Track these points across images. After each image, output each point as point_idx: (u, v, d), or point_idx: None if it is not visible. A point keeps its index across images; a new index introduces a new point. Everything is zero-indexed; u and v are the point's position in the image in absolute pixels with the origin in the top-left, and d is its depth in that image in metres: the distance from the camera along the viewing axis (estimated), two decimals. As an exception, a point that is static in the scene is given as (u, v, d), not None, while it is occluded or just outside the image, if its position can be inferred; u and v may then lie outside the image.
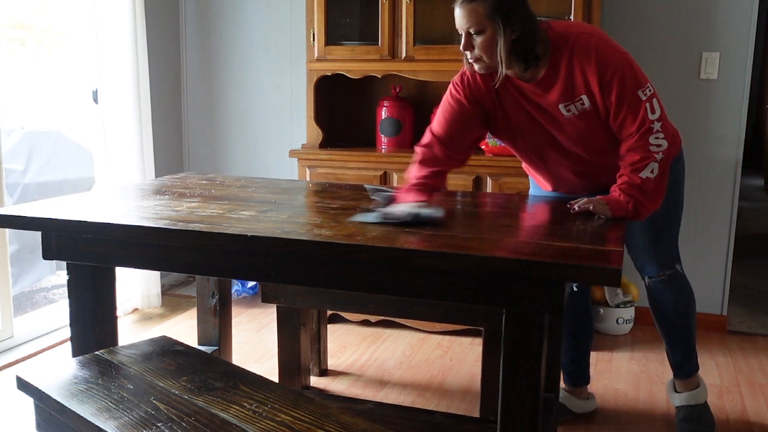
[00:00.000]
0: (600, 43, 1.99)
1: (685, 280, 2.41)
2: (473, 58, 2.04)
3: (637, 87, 1.98)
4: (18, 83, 3.78)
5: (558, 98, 2.05)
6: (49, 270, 4.13)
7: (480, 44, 1.99)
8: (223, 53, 3.99)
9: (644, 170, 1.96)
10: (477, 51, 2.01)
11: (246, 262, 1.74)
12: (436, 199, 2.08)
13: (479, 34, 1.98)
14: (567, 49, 2.00)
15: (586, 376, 2.62)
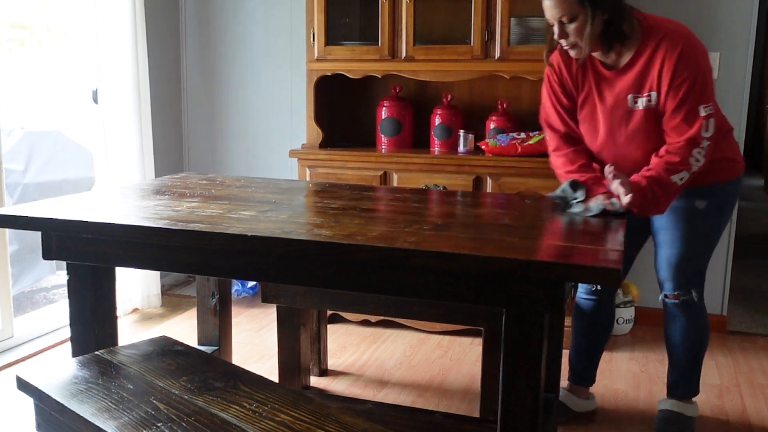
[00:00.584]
0: (686, 47, 2.03)
1: (700, 312, 2.35)
2: (569, 45, 2.09)
3: (700, 101, 2.02)
4: (18, 83, 3.78)
5: (629, 87, 2.11)
6: (49, 270, 4.14)
7: (573, 30, 2.04)
8: (223, 53, 3.99)
9: (676, 174, 2.04)
10: (572, 38, 2.06)
11: (246, 262, 1.74)
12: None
13: (572, 22, 2.03)
14: (654, 41, 2.05)
15: (592, 377, 2.62)
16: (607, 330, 2.58)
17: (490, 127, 3.27)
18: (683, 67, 2.02)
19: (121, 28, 3.43)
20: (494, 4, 3.09)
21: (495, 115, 3.29)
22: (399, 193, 2.32)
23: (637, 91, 2.11)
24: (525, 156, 3.05)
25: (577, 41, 2.06)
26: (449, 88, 3.45)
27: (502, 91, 3.41)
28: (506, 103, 3.28)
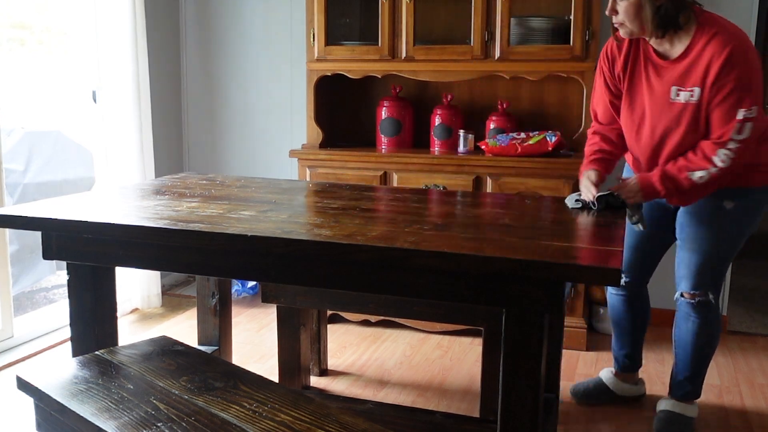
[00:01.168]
0: (736, 48, 2.00)
1: (715, 315, 2.35)
2: (617, 22, 2.11)
3: (740, 105, 2.01)
4: (18, 83, 3.78)
5: (675, 79, 2.10)
6: (49, 270, 4.14)
7: (624, 9, 2.06)
8: (223, 53, 4.00)
9: (692, 172, 2.06)
10: (621, 16, 2.08)
11: (246, 262, 1.74)
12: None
13: (623, 0, 2.05)
14: (706, 37, 2.03)
15: (638, 362, 2.67)
16: (644, 317, 2.61)
17: (490, 127, 3.27)
18: (729, 69, 2.00)
19: (121, 28, 3.43)
20: (494, 4, 3.09)
21: (495, 115, 3.29)
22: (399, 193, 2.32)
23: (681, 84, 2.09)
24: (525, 156, 3.05)
25: (625, 20, 2.07)
26: (449, 88, 3.45)
27: (502, 91, 3.41)
28: (506, 103, 3.28)
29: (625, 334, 2.62)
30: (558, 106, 3.36)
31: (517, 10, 3.18)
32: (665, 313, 3.50)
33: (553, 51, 3.09)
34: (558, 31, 3.12)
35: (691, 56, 2.07)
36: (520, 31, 3.17)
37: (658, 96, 2.15)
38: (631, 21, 2.06)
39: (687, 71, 2.08)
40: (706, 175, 2.05)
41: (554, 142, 3.05)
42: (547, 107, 3.38)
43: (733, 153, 2.03)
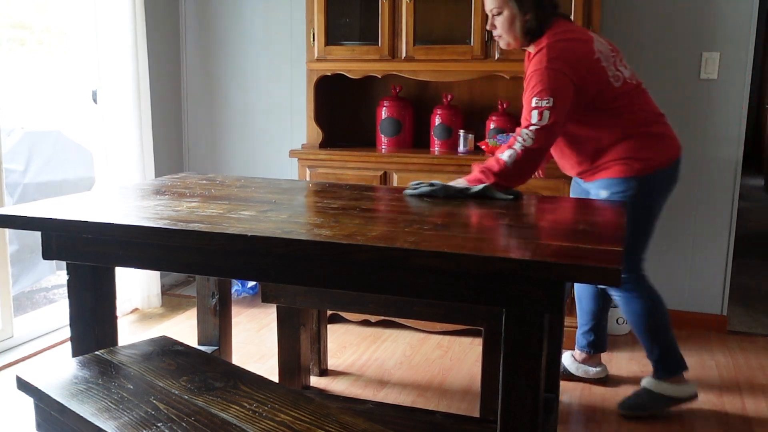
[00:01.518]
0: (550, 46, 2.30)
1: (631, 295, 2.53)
2: (496, 35, 2.43)
3: (533, 92, 2.28)
4: (18, 83, 3.78)
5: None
6: (49, 270, 4.14)
7: (500, 23, 2.39)
8: (223, 53, 3.99)
9: (504, 152, 2.28)
10: (498, 29, 2.40)
11: (246, 262, 1.74)
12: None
13: (499, 15, 2.37)
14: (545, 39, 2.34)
15: (603, 344, 2.83)
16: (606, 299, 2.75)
17: (490, 127, 3.27)
18: (531, 66, 2.32)
19: (121, 28, 3.43)
20: (494, 4, 3.08)
21: (495, 115, 3.29)
22: (399, 193, 2.32)
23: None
24: (525, 156, 3.04)
25: (502, 33, 2.39)
26: (449, 88, 3.45)
27: (502, 91, 3.41)
28: (506, 103, 3.28)
29: (585, 313, 2.78)
30: (558, 106, 3.35)
31: (517, 10, 3.18)
32: (665, 313, 3.51)
33: (553, 51, 3.08)
34: (558, 31, 3.12)
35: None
36: (520, 31, 3.16)
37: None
38: (506, 33, 2.38)
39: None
40: (513, 154, 2.25)
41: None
42: (547, 107, 3.37)
43: (534, 135, 2.25)
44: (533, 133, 2.26)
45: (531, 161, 2.28)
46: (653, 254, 3.48)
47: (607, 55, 2.38)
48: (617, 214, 1.97)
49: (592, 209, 2.10)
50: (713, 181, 3.36)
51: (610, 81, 2.36)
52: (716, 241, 3.40)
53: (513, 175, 2.28)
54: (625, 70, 2.44)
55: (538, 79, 2.29)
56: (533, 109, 2.27)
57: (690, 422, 2.56)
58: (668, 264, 3.48)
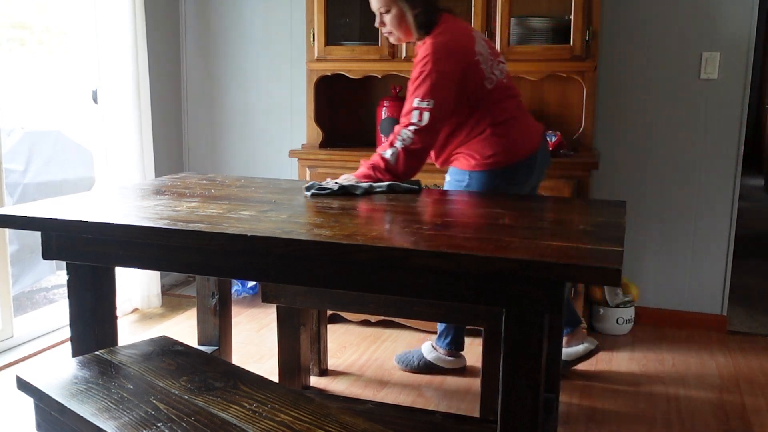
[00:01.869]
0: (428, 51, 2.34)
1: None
2: (386, 32, 2.46)
3: (416, 93, 2.34)
4: (18, 83, 3.78)
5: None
6: (49, 270, 4.13)
7: (389, 20, 2.41)
8: (223, 53, 3.99)
9: (386, 150, 2.35)
10: (388, 26, 2.42)
11: (246, 262, 1.74)
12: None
13: (387, 13, 2.39)
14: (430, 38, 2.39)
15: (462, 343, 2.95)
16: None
17: (490, 127, 3.27)
18: (418, 65, 2.37)
19: (121, 28, 3.43)
20: (494, 4, 3.09)
21: (495, 115, 3.28)
22: (399, 193, 2.32)
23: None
24: (525, 156, 3.04)
25: (393, 29, 2.42)
26: (449, 88, 3.44)
27: (502, 91, 3.41)
28: (506, 103, 3.28)
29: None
30: (558, 106, 3.36)
31: (517, 10, 3.18)
32: (665, 312, 3.51)
33: (553, 51, 3.09)
34: (558, 31, 3.13)
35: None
36: (520, 31, 3.16)
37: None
38: (397, 29, 2.41)
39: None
40: (395, 152, 2.33)
41: (554, 142, 3.05)
42: (547, 107, 3.37)
43: (413, 135, 2.33)
44: (413, 133, 2.33)
45: (415, 159, 2.36)
46: (653, 254, 3.48)
47: (486, 57, 2.45)
48: (617, 214, 1.97)
49: (592, 209, 2.10)
50: (713, 181, 3.36)
51: (484, 83, 2.44)
52: (716, 241, 3.40)
53: (400, 172, 2.36)
54: (501, 73, 2.50)
55: (422, 80, 2.34)
56: (414, 109, 2.34)
57: (690, 422, 2.56)
58: (668, 264, 3.48)
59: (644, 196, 3.45)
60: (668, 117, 3.38)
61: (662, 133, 3.39)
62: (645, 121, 3.41)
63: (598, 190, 3.44)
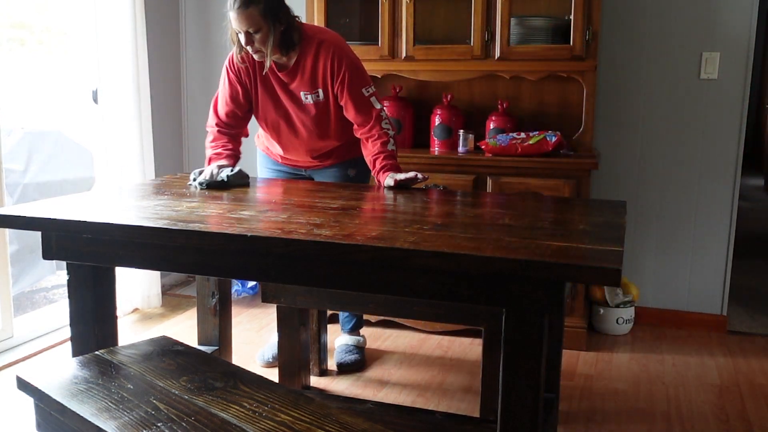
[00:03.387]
0: (337, 49, 2.47)
1: None
2: (254, 50, 2.42)
3: (362, 85, 2.49)
4: (18, 83, 3.78)
5: (302, 86, 2.52)
6: (49, 270, 4.13)
7: (258, 40, 2.38)
8: (223, 53, 3.99)
9: (389, 145, 2.50)
10: (257, 45, 2.39)
11: (246, 262, 1.74)
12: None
13: (257, 33, 2.37)
14: (314, 47, 2.47)
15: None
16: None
17: (490, 127, 3.27)
18: (339, 64, 2.46)
19: (121, 28, 3.43)
20: (494, 4, 3.09)
21: (495, 115, 3.29)
22: (399, 193, 2.32)
23: (308, 90, 2.52)
24: (525, 156, 3.05)
25: (261, 48, 2.39)
26: (449, 88, 3.45)
27: (502, 91, 3.41)
28: (506, 103, 3.28)
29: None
30: (558, 106, 3.36)
31: (517, 9, 3.18)
32: (665, 312, 3.51)
33: (553, 51, 3.09)
34: (558, 30, 3.13)
35: (308, 65, 2.48)
36: (520, 31, 3.17)
37: (293, 100, 2.55)
38: (264, 47, 2.39)
39: (310, 78, 2.50)
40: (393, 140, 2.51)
41: (554, 142, 3.05)
42: (547, 107, 3.38)
43: (388, 119, 2.54)
44: (387, 118, 2.55)
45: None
46: (653, 254, 3.48)
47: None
48: (617, 214, 1.97)
49: (593, 209, 2.10)
50: (713, 181, 3.36)
51: None
52: (716, 241, 3.40)
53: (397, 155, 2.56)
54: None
55: (360, 70, 2.52)
56: (370, 96, 2.51)
57: (690, 422, 2.56)
58: (668, 264, 3.48)
59: (644, 196, 3.45)
60: (668, 117, 3.38)
61: (662, 133, 3.39)
62: (645, 121, 3.41)
63: (598, 190, 3.44)
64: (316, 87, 2.51)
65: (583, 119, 3.17)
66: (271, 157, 2.87)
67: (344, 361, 2.96)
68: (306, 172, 2.80)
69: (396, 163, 2.48)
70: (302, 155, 2.72)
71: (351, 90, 2.48)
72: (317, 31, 2.55)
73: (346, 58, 2.48)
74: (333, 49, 2.47)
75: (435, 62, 3.21)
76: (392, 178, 2.38)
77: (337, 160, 2.72)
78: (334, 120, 2.59)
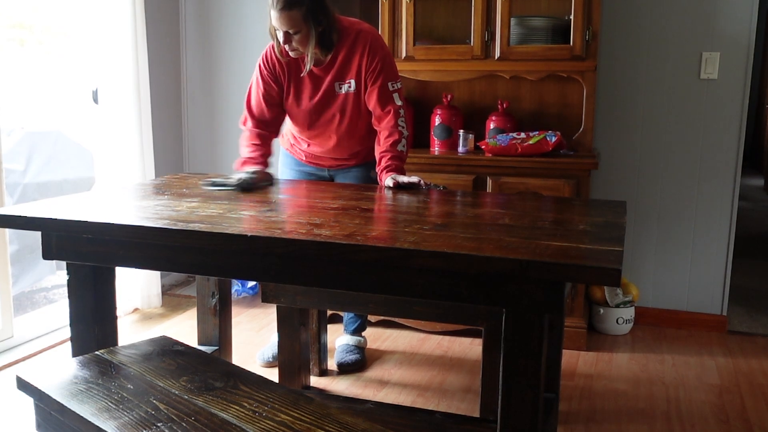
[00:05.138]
0: (373, 39, 2.52)
1: None
2: (292, 50, 2.45)
3: (389, 78, 2.52)
4: (18, 83, 3.78)
5: (334, 77, 2.54)
6: (49, 270, 4.13)
7: (298, 40, 2.40)
8: (223, 53, 3.99)
9: (399, 145, 2.52)
10: (295, 44, 2.42)
11: (246, 262, 1.74)
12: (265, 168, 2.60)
13: (296, 34, 2.39)
14: (350, 39, 2.50)
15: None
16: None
17: (490, 127, 3.27)
18: (373, 55, 2.50)
19: (121, 28, 3.43)
20: (494, 4, 3.09)
21: (495, 115, 3.29)
22: (399, 194, 2.32)
23: (341, 80, 2.55)
24: (525, 156, 3.05)
25: (299, 48, 2.42)
26: (449, 88, 3.45)
27: (502, 91, 3.41)
28: (506, 103, 3.28)
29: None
30: (558, 106, 3.36)
31: (517, 9, 3.18)
32: (665, 312, 3.51)
33: (553, 51, 3.09)
34: (558, 30, 3.13)
35: (341, 57, 2.51)
36: (520, 31, 3.17)
37: (326, 93, 2.56)
38: (304, 47, 2.42)
39: (342, 69, 2.52)
40: (405, 141, 2.53)
41: (554, 142, 3.05)
42: (547, 107, 3.38)
43: (404, 118, 2.54)
44: (403, 117, 2.55)
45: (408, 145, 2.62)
46: (653, 254, 3.48)
47: None
48: (617, 214, 1.97)
49: (594, 208, 2.10)
50: (713, 181, 3.36)
51: None
52: (716, 241, 3.40)
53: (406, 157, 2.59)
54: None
55: (391, 64, 2.56)
56: (394, 91, 2.54)
57: (690, 422, 2.56)
58: (668, 264, 3.48)
59: (644, 196, 3.45)
60: (668, 117, 3.38)
61: (662, 133, 3.39)
62: (645, 121, 3.41)
63: (598, 190, 3.44)
64: (350, 77, 2.54)
65: (583, 119, 3.17)
66: (295, 156, 2.88)
67: (345, 360, 2.96)
68: (328, 172, 2.81)
69: (401, 165, 2.49)
70: (329, 152, 2.72)
71: (379, 81, 2.51)
72: (354, 22, 2.57)
73: (381, 50, 2.52)
74: (370, 40, 2.51)
75: (435, 62, 3.21)
76: (393, 179, 2.39)
77: (361, 160, 2.73)
78: (365, 114, 2.60)
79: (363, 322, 3.09)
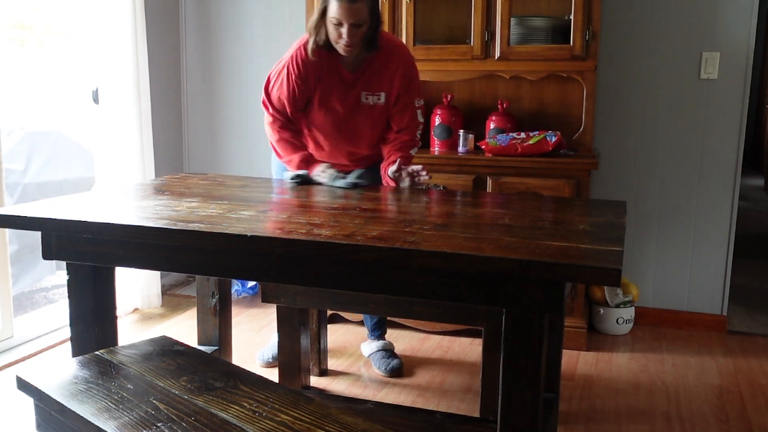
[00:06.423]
0: (409, 59, 2.59)
1: None
2: (349, 44, 2.39)
3: (416, 96, 2.62)
4: (18, 83, 3.78)
5: (364, 87, 2.55)
6: (49, 270, 4.13)
7: (358, 33, 2.37)
8: (223, 53, 3.99)
9: (412, 149, 2.65)
10: (354, 38, 2.37)
11: (246, 262, 1.74)
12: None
13: (360, 26, 2.36)
14: (387, 51, 2.51)
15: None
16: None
17: (490, 127, 3.27)
18: (408, 75, 2.56)
19: (121, 28, 3.43)
20: (494, 4, 3.09)
21: (495, 115, 3.29)
22: (399, 193, 2.32)
23: (371, 91, 2.56)
24: (525, 156, 3.05)
25: (356, 42, 2.39)
26: (449, 88, 3.45)
27: (502, 91, 3.41)
28: (506, 103, 3.28)
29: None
30: (558, 106, 3.36)
31: (517, 9, 3.18)
32: (665, 312, 3.51)
33: (553, 51, 3.09)
34: (558, 30, 3.13)
35: (375, 67, 2.52)
36: (521, 31, 3.16)
37: (352, 100, 2.56)
38: (359, 41, 2.40)
39: (375, 80, 2.54)
40: (416, 149, 2.66)
41: (554, 142, 3.05)
42: (547, 107, 3.38)
43: (420, 133, 2.66)
44: (420, 131, 2.66)
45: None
46: (653, 254, 3.48)
47: None
48: (617, 214, 1.97)
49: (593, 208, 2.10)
50: (713, 181, 3.36)
51: None
52: (716, 241, 3.40)
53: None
54: None
55: (419, 83, 2.64)
56: (419, 108, 2.63)
57: (690, 422, 2.56)
58: (668, 264, 3.48)
59: (644, 196, 3.45)
60: (668, 117, 3.38)
61: (662, 133, 3.39)
62: (645, 121, 3.41)
63: (598, 190, 3.44)
64: (381, 89, 2.56)
65: (583, 119, 3.17)
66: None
67: (392, 366, 2.93)
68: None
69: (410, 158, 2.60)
70: (340, 157, 2.70)
71: (408, 98, 2.59)
72: (390, 37, 2.64)
73: (413, 69, 2.60)
74: (406, 58, 2.57)
75: (435, 62, 3.21)
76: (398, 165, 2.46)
77: (370, 162, 2.72)
78: (384, 126, 2.66)
79: (385, 323, 3.09)
